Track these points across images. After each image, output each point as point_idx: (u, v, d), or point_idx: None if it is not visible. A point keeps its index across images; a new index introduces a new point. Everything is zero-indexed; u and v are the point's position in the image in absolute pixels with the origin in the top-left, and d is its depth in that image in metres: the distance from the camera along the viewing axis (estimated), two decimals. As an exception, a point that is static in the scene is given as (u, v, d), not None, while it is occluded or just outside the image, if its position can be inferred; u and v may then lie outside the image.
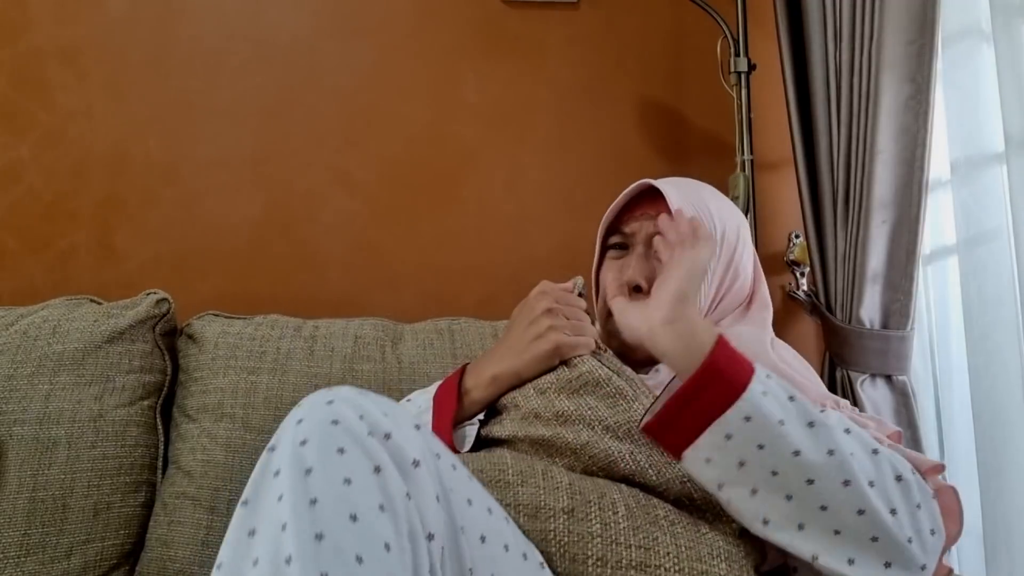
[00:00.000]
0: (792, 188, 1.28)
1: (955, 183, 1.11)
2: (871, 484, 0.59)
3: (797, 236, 1.39)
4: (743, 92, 1.34)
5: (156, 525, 1.02)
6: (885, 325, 1.14)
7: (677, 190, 0.82)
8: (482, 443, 0.76)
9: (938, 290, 1.20)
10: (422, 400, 0.83)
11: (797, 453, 0.57)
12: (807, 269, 1.34)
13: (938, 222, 1.18)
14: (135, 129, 1.34)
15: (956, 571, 1.13)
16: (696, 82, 1.45)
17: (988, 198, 1.05)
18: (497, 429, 0.74)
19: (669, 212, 0.80)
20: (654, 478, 0.66)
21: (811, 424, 0.59)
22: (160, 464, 1.09)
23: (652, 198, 0.84)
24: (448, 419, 0.75)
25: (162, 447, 1.10)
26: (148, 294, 1.14)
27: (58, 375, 1.03)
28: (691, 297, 0.66)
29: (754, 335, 0.81)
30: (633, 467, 0.66)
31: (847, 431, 0.61)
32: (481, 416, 0.78)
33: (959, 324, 1.12)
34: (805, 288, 1.35)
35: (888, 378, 1.14)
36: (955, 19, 1.10)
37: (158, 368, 1.12)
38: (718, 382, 0.59)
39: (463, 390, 0.78)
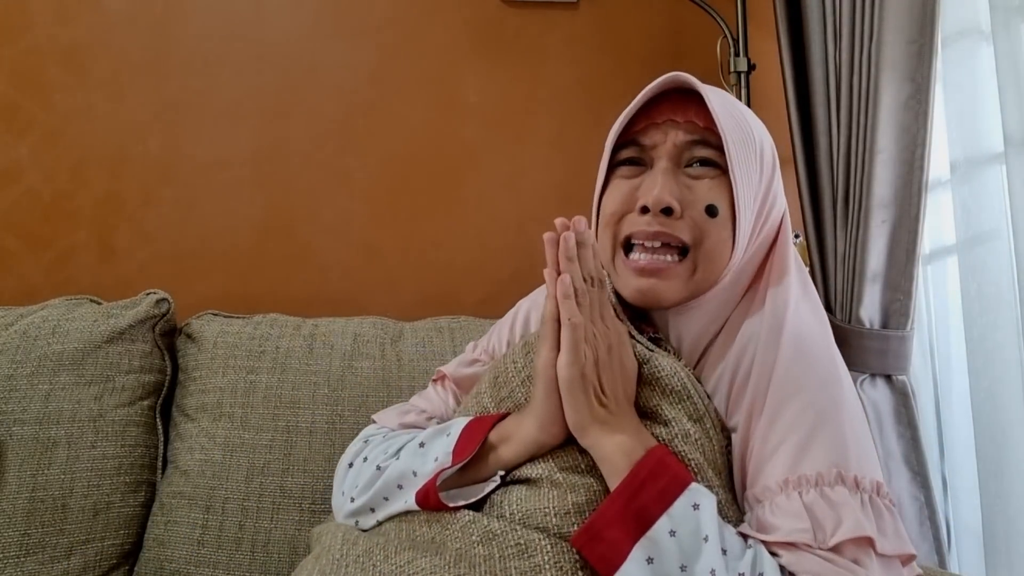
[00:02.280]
0: (792, 188, 1.28)
1: (955, 183, 1.11)
2: None
3: (797, 236, 1.39)
4: (743, 92, 1.34)
5: (154, 525, 1.02)
6: (885, 325, 1.14)
7: (716, 93, 0.66)
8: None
9: (938, 290, 1.20)
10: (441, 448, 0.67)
11: None
12: (807, 269, 1.34)
13: (938, 222, 1.17)
14: (135, 129, 1.35)
15: (956, 569, 1.13)
16: (696, 82, 1.45)
17: (988, 198, 1.05)
18: (527, 469, 0.64)
19: (699, 118, 0.66)
20: None
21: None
22: (160, 464, 1.09)
23: (678, 101, 0.68)
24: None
25: (162, 447, 1.10)
26: (148, 294, 1.14)
27: (58, 375, 1.03)
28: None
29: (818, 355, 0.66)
30: None
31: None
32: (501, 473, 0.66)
33: (959, 324, 1.12)
34: (805, 288, 1.35)
35: (888, 378, 1.14)
36: (955, 19, 1.10)
37: (158, 368, 1.12)
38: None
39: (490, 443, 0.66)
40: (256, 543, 0.98)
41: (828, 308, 1.21)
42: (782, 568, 0.56)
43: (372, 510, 0.69)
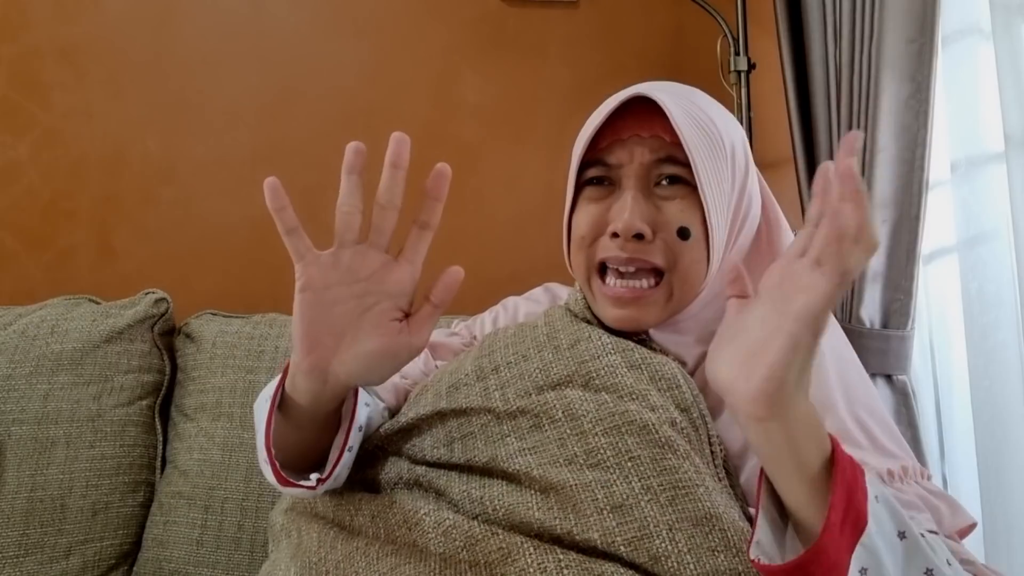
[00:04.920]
0: (792, 187, 1.28)
1: (955, 182, 1.11)
2: None
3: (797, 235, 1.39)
4: (743, 91, 1.34)
5: (152, 525, 1.02)
6: (885, 325, 1.14)
7: (675, 101, 0.64)
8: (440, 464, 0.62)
9: (938, 290, 1.20)
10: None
11: None
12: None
13: (938, 222, 1.17)
14: (134, 128, 1.34)
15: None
16: (696, 81, 1.43)
17: (988, 197, 1.05)
18: (506, 463, 0.59)
19: (665, 132, 0.63)
20: (692, 567, 0.52)
21: (928, 572, 0.46)
22: (159, 464, 1.09)
23: (642, 114, 0.65)
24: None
25: (161, 447, 1.09)
26: (146, 293, 1.14)
27: (56, 375, 1.03)
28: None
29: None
30: (668, 547, 0.53)
31: (948, 563, 0.49)
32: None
33: (959, 324, 1.11)
34: (805, 288, 1.35)
35: (888, 378, 1.14)
36: (955, 18, 1.10)
37: (156, 368, 1.12)
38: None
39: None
40: (255, 543, 0.98)
41: (828, 308, 1.21)
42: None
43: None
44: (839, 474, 0.45)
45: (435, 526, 0.57)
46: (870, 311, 1.14)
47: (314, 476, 0.60)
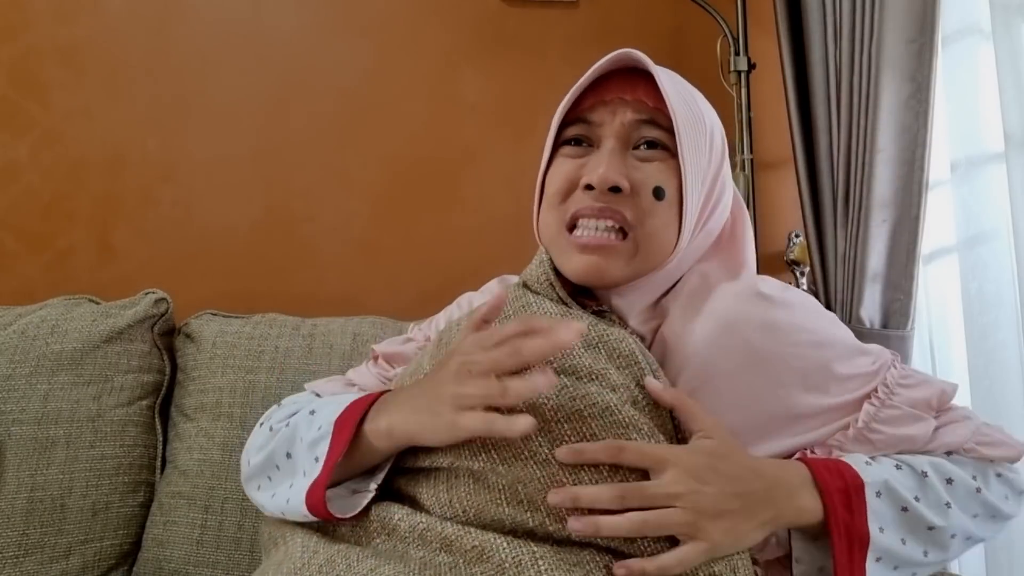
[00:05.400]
0: (792, 187, 1.28)
1: (955, 182, 1.11)
2: (975, 517, 0.64)
3: (797, 236, 1.39)
4: (743, 91, 1.34)
5: (152, 525, 1.02)
6: (885, 325, 1.14)
7: (663, 71, 0.65)
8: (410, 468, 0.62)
9: (938, 290, 1.20)
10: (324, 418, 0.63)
11: (926, 553, 0.61)
12: (807, 269, 1.34)
13: (938, 222, 1.17)
14: (133, 128, 1.34)
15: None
16: (696, 81, 1.43)
17: (988, 198, 1.05)
18: (468, 461, 0.59)
19: (649, 97, 0.64)
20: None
21: (930, 528, 0.61)
22: (159, 464, 1.09)
23: (628, 80, 0.66)
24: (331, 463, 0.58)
25: (160, 447, 1.09)
26: (146, 293, 1.14)
27: (56, 375, 1.03)
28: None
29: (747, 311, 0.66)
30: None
31: (949, 481, 0.63)
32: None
33: (959, 324, 1.11)
34: (805, 288, 1.35)
35: (888, 378, 1.14)
36: (955, 18, 1.10)
37: (156, 368, 1.12)
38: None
39: (361, 430, 0.60)
40: (255, 543, 0.98)
41: (828, 308, 1.21)
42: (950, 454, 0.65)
43: (270, 478, 0.66)
44: (835, 533, 0.57)
45: (410, 530, 0.57)
46: (870, 311, 1.14)
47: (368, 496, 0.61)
